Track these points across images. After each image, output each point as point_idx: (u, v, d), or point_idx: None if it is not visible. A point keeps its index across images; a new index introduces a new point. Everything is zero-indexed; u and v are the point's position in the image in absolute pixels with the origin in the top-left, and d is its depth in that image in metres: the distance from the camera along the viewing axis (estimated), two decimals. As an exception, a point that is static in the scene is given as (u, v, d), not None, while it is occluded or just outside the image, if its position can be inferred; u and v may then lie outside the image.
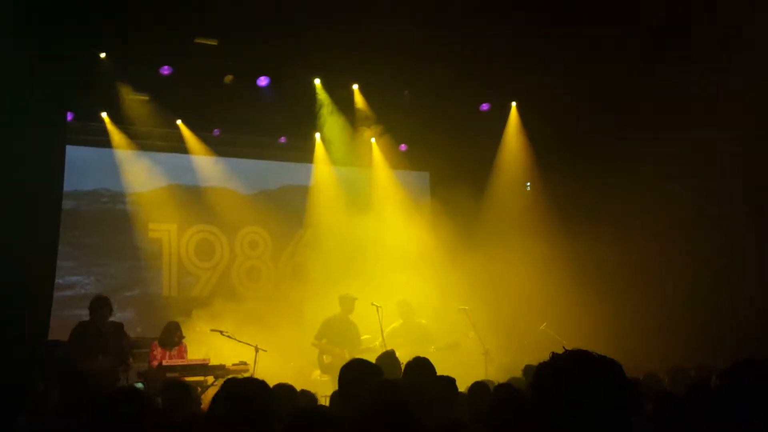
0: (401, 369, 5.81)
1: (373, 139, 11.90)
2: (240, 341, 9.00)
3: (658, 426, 3.91)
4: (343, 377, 4.13)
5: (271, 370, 8.73)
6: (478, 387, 4.81)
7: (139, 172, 11.01)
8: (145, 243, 11.03)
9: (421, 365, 4.80)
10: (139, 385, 7.55)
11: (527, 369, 6.60)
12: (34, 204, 7.69)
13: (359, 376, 4.02)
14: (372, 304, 9.44)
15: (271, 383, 4.94)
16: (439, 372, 4.82)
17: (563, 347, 2.09)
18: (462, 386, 4.95)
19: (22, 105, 7.47)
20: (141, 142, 10.93)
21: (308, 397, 5.07)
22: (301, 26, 9.26)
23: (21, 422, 4.57)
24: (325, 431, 3.06)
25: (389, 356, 6.13)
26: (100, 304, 7.98)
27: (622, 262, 9.89)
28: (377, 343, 9.18)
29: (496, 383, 4.93)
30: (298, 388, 5.19)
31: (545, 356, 2.06)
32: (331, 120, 11.43)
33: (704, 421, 3.71)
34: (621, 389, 1.94)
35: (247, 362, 8.87)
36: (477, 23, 9.35)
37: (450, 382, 4.64)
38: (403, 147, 12.39)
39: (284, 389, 4.75)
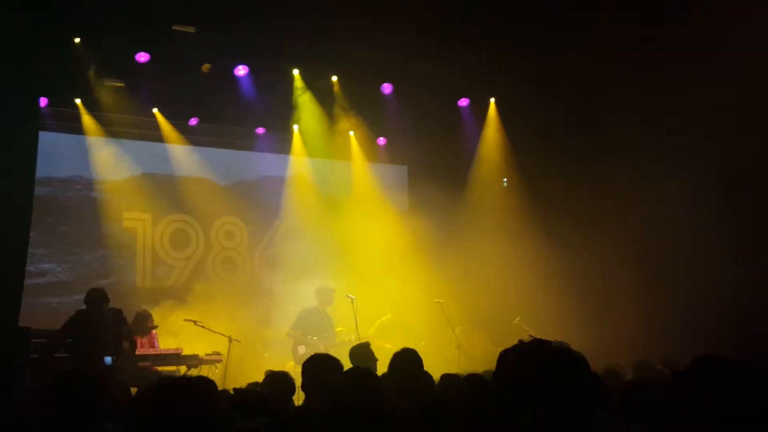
0: (375, 360, 5.90)
1: (351, 132, 11.95)
2: (214, 331, 9.06)
3: (623, 418, 3.96)
4: (307, 372, 4.23)
5: (244, 361, 8.82)
6: (448, 378, 4.88)
7: (113, 160, 10.94)
8: (120, 232, 10.96)
9: (409, 357, 4.88)
10: (108, 359, 7.47)
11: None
12: (4, 189, 7.61)
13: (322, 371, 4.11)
14: (347, 296, 9.54)
15: (245, 373, 5.01)
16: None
17: (530, 337, 2.14)
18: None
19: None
20: (116, 129, 10.87)
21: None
22: (281, 16, 9.25)
23: None
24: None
25: (364, 347, 6.21)
26: (98, 297, 7.73)
27: (598, 258, 9.96)
28: (352, 336, 9.24)
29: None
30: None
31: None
32: (309, 111, 11.44)
33: (669, 414, 3.77)
34: (579, 379, 1.98)
35: (221, 352, 8.93)
36: (457, 17, 9.41)
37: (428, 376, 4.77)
38: (381, 140, 12.44)
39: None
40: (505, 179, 11.96)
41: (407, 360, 4.82)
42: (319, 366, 4.19)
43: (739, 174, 9.23)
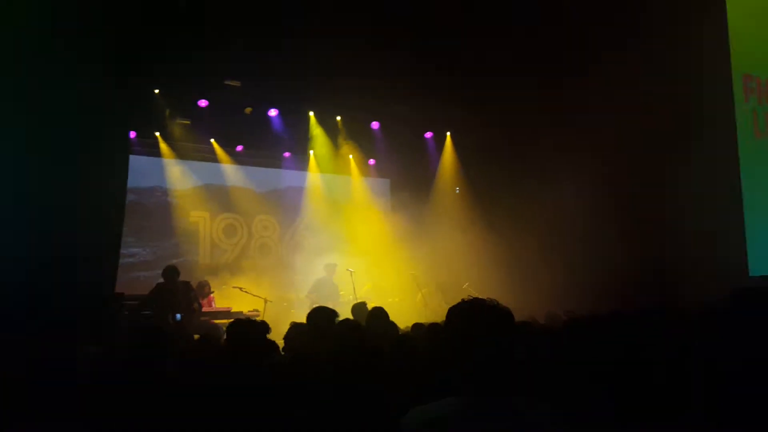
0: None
1: (350, 156, 11.93)
2: (254, 295, 9.04)
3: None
4: (312, 318, 4.14)
5: (275, 316, 8.77)
6: (417, 327, 4.89)
7: (182, 175, 10.90)
8: (187, 225, 10.89)
9: (379, 313, 4.86)
10: (178, 316, 7.42)
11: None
12: (107, 195, 7.57)
13: (325, 317, 4.04)
14: (347, 270, 9.55)
15: (275, 325, 4.93)
16: (392, 317, 4.90)
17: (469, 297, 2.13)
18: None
19: (100, 126, 7.34)
20: (184, 153, 10.82)
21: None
22: (301, 75, 9.23)
23: (91, 352, 4.38)
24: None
25: (362, 305, 6.22)
26: (172, 272, 7.68)
27: (520, 241, 9.88)
28: (350, 297, 9.25)
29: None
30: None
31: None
32: (321, 141, 11.43)
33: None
34: (503, 325, 1.99)
35: (259, 310, 8.89)
36: (426, 72, 9.33)
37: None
38: (371, 161, 12.44)
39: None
40: (457, 188, 11.97)
41: (378, 315, 4.78)
42: (320, 315, 4.12)
43: (618, 178, 9.20)
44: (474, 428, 1.86)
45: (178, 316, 7.40)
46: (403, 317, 6.24)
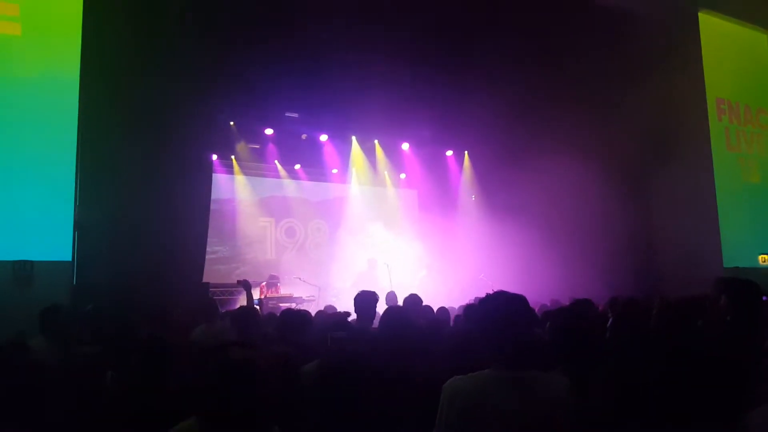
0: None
1: (385, 171, 11.96)
2: (310, 284, 9.12)
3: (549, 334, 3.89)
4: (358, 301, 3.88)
5: (328, 300, 8.85)
6: (441, 309, 4.83)
7: (253, 189, 11.08)
8: (257, 229, 11.06)
9: (416, 299, 4.78)
10: (256, 300, 7.50)
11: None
12: (196, 205, 7.84)
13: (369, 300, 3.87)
14: (385, 263, 9.55)
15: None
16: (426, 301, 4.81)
17: (492, 289, 2.13)
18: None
19: (191, 153, 7.62)
20: (254, 171, 11.01)
21: None
22: (346, 106, 9.29)
23: (200, 330, 4.28)
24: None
25: (392, 294, 6.16)
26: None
27: (532, 239, 9.41)
28: (387, 285, 9.17)
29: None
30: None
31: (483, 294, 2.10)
32: (361, 159, 11.50)
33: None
34: (524, 313, 1.98)
35: (314, 295, 8.98)
36: (446, 107, 9.31)
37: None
38: (402, 176, 12.44)
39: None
40: (473, 196, 11.85)
41: (413, 299, 4.69)
42: (366, 297, 3.86)
43: (614, 183, 8.81)
44: (504, 396, 1.84)
45: (256, 300, 7.58)
46: (435, 301, 6.22)
